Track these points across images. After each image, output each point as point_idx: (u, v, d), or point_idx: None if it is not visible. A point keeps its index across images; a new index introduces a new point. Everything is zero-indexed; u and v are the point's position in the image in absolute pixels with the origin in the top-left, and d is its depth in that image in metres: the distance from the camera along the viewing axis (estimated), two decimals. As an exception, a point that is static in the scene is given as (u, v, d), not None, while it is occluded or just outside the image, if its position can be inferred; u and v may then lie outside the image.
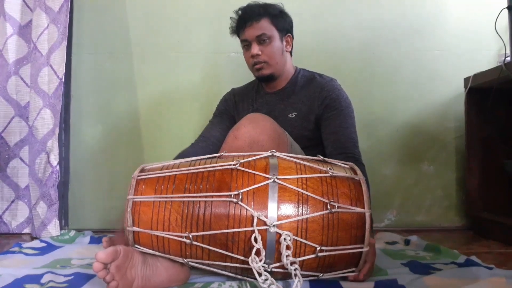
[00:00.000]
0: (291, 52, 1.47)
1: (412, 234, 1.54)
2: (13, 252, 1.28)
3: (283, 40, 1.40)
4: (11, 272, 1.04)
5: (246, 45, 1.40)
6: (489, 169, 1.71)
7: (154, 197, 0.89)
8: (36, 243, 1.40)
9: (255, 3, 1.41)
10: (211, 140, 1.41)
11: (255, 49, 1.36)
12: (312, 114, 1.37)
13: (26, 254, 1.28)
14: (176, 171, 0.93)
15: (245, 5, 1.41)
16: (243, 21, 1.38)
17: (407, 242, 1.43)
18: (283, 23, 1.40)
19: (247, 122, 1.11)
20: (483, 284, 0.91)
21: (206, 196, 0.88)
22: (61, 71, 1.65)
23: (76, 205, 1.87)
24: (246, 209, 0.86)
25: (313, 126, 1.37)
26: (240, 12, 1.40)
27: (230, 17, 1.43)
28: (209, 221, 0.87)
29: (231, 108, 1.51)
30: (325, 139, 1.33)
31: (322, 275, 0.92)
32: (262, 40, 1.36)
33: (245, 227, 0.86)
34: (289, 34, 1.43)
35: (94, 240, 1.52)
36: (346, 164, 1.01)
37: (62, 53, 1.65)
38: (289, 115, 1.39)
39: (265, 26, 1.36)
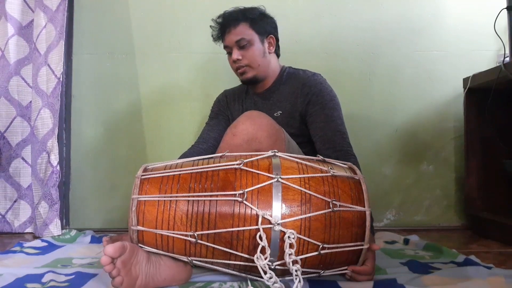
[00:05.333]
0: (277, 53, 1.47)
1: (412, 234, 1.55)
2: (14, 252, 1.28)
3: (264, 42, 1.40)
4: (12, 271, 1.04)
5: (228, 51, 1.41)
6: (488, 169, 1.72)
7: (159, 197, 0.90)
8: (37, 243, 1.40)
9: (233, 8, 1.42)
10: (210, 141, 1.43)
11: (236, 54, 1.37)
12: (296, 112, 1.37)
13: (27, 253, 1.28)
14: (180, 171, 0.93)
15: (222, 12, 1.42)
16: (223, 28, 1.40)
17: (406, 242, 1.44)
18: (263, 25, 1.40)
19: (244, 119, 1.12)
20: (482, 284, 0.91)
21: (211, 195, 0.89)
22: (59, 70, 1.63)
23: (77, 205, 1.87)
24: (251, 208, 0.87)
25: (298, 123, 1.37)
26: (219, 19, 1.41)
27: (210, 26, 1.43)
28: (214, 220, 0.87)
29: (225, 109, 1.53)
30: (313, 136, 1.32)
31: (323, 272, 0.93)
32: (241, 45, 1.37)
33: (250, 225, 0.87)
34: (272, 36, 1.43)
35: (95, 240, 1.52)
36: (345, 164, 1.03)
37: (59, 52, 1.64)
38: (275, 114, 1.39)
39: (244, 30, 1.37)
